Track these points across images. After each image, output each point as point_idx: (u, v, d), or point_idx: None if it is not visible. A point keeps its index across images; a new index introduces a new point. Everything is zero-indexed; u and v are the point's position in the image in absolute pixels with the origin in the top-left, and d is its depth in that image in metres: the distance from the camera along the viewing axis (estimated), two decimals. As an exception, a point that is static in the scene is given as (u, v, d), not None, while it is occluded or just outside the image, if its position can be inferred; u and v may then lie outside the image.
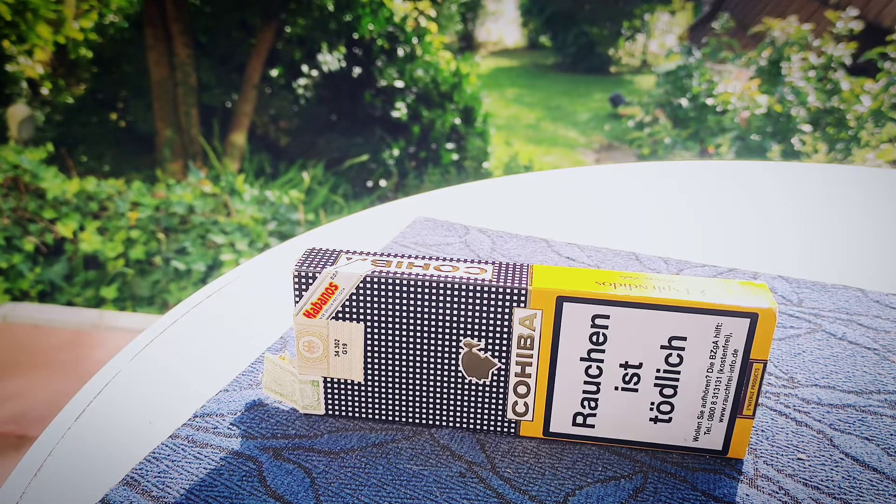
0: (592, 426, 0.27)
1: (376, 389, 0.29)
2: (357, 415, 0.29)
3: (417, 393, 0.28)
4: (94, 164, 3.36)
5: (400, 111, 3.54)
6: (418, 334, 0.28)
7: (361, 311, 0.27)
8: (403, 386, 0.28)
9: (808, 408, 0.31)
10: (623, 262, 0.46)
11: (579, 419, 0.27)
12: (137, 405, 0.31)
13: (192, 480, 0.27)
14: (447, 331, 0.27)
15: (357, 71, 3.66)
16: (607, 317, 0.26)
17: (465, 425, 0.28)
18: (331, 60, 3.70)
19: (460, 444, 0.29)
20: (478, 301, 0.26)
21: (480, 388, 0.27)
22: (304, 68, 3.78)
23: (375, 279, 0.27)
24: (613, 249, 0.47)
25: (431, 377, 0.28)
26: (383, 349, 0.28)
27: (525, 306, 0.26)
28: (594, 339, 0.26)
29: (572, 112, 5.79)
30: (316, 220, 2.83)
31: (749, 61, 3.54)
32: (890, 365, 0.35)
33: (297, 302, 0.27)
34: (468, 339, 0.27)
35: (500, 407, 0.27)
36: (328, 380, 0.29)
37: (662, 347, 0.26)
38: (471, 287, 0.26)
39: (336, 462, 0.28)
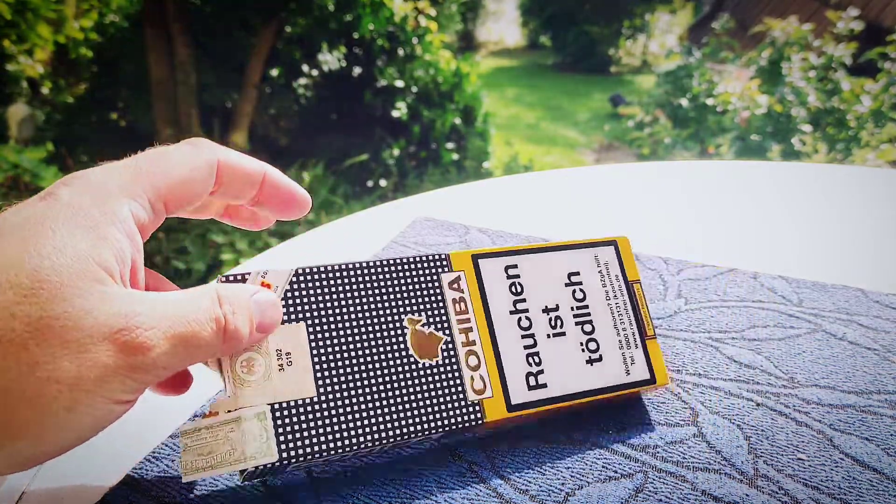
0: (545, 385, 0.28)
1: (332, 403, 0.25)
2: (314, 451, 0.24)
3: (377, 394, 0.25)
4: (94, 164, 3.35)
5: (400, 111, 3.54)
6: (362, 322, 0.26)
7: (299, 309, 0.25)
8: (360, 387, 0.25)
9: (808, 408, 0.32)
10: (623, 262, 0.46)
11: (532, 380, 0.28)
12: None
13: (191, 480, 0.27)
14: (389, 312, 0.27)
15: (357, 71, 3.66)
16: (516, 266, 0.30)
17: (436, 426, 0.26)
18: (331, 60, 3.70)
19: (460, 444, 0.29)
20: (407, 273, 0.28)
21: (436, 373, 0.27)
22: (305, 68, 3.77)
23: (308, 272, 0.26)
24: (613, 249, 0.47)
25: (386, 368, 0.26)
26: (330, 349, 0.25)
27: (449, 270, 0.28)
28: (513, 289, 0.29)
29: (572, 112, 5.79)
30: (316, 219, 2.83)
31: (749, 61, 3.54)
32: (890, 365, 0.35)
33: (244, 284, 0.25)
34: (410, 316, 0.27)
35: (460, 388, 0.27)
36: (276, 408, 0.24)
37: (567, 285, 0.30)
38: (398, 263, 0.28)
39: (336, 462, 0.28)
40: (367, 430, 0.25)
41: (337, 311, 0.26)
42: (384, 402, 0.25)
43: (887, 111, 2.80)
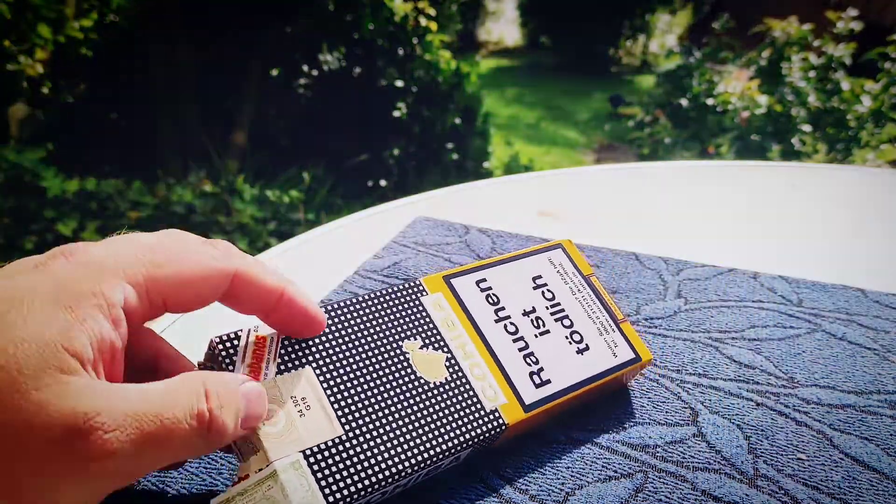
0: (549, 381, 0.29)
1: (361, 438, 0.24)
2: (359, 488, 0.23)
3: (400, 419, 0.25)
4: (94, 164, 3.36)
5: (400, 111, 3.54)
6: (364, 355, 0.26)
7: (300, 354, 0.25)
8: (383, 416, 0.25)
9: (808, 408, 0.32)
10: (623, 261, 0.46)
11: (536, 378, 0.29)
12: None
13: (191, 480, 0.27)
14: (386, 341, 0.27)
15: (357, 70, 3.66)
16: (485, 279, 0.31)
17: (464, 440, 0.26)
18: (331, 60, 3.70)
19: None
20: (390, 303, 0.28)
21: (449, 389, 0.27)
22: (305, 68, 3.77)
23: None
24: (613, 249, 0.47)
25: (402, 394, 0.26)
26: (342, 386, 0.25)
27: (427, 294, 0.29)
28: (490, 300, 0.31)
29: (572, 112, 5.79)
30: (316, 219, 2.83)
31: (749, 61, 3.54)
32: (890, 365, 0.35)
33: (232, 373, 0.24)
34: (407, 341, 0.28)
35: (475, 399, 0.27)
36: (308, 454, 0.23)
37: (535, 288, 0.32)
38: (380, 296, 0.28)
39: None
40: (403, 455, 0.24)
41: (337, 348, 0.26)
42: (411, 427, 0.25)
43: (887, 111, 2.80)
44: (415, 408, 0.26)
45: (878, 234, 0.52)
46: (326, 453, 0.23)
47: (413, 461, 0.24)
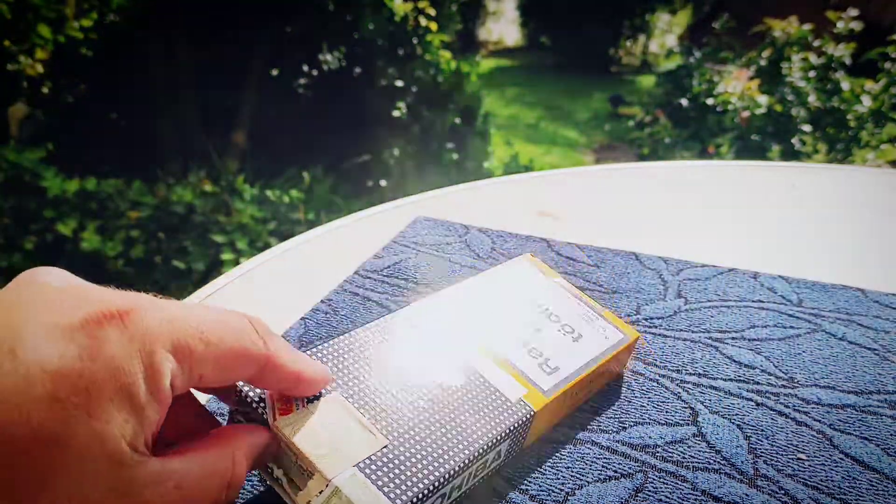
0: (558, 367, 0.30)
1: (407, 444, 0.25)
2: (419, 489, 0.23)
3: (438, 422, 0.26)
4: (94, 164, 3.35)
5: (400, 110, 3.54)
6: (384, 371, 0.27)
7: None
8: (420, 422, 0.25)
9: (807, 408, 0.32)
10: (623, 261, 0.46)
11: (545, 367, 0.30)
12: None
13: None
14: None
15: (357, 70, 3.66)
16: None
17: (501, 431, 0.26)
18: (331, 60, 3.70)
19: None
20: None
21: (471, 390, 0.27)
22: (305, 68, 3.77)
23: (318, 353, 0.27)
24: (613, 249, 0.47)
25: (428, 402, 0.26)
26: (372, 403, 0.26)
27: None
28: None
29: (572, 112, 5.79)
30: (316, 219, 2.83)
31: (749, 61, 3.54)
32: (890, 365, 0.35)
33: (263, 411, 0.24)
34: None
35: (499, 394, 0.28)
36: (363, 467, 0.23)
37: (515, 295, 0.34)
38: (379, 325, 0.30)
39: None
40: (450, 453, 0.25)
41: (357, 371, 0.27)
42: (447, 427, 0.26)
43: (887, 111, 2.80)
44: (445, 411, 0.26)
45: (878, 234, 0.52)
46: (379, 463, 0.24)
47: (460, 457, 0.25)
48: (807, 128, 3.08)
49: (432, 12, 3.65)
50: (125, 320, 0.20)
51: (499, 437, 0.26)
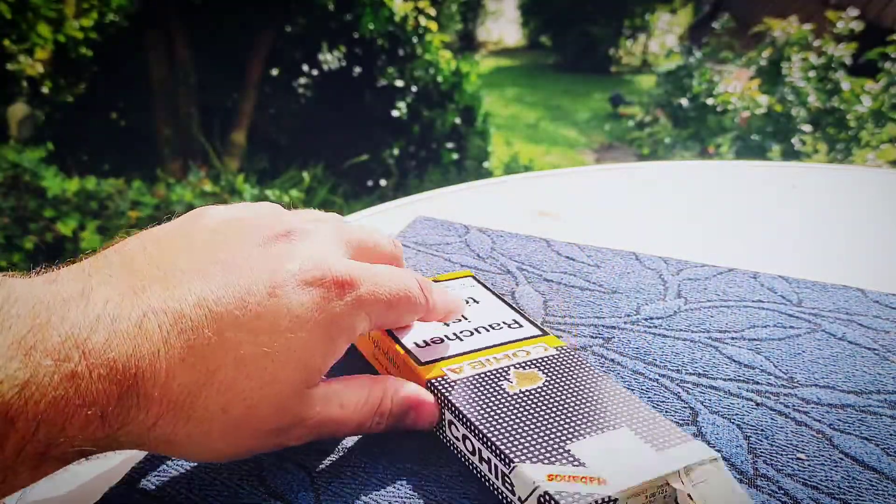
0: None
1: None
2: None
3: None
4: (94, 163, 3.36)
5: (400, 110, 3.54)
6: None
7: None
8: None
9: (807, 408, 0.32)
10: (623, 262, 0.46)
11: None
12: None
13: (191, 480, 0.27)
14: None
15: (357, 70, 3.66)
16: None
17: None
18: (331, 60, 3.70)
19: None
20: None
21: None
22: (305, 67, 3.77)
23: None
24: (613, 249, 0.47)
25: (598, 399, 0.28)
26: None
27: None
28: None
29: (572, 112, 5.79)
30: (316, 219, 2.82)
31: (749, 61, 3.54)
32: (890, 365, 0.35)
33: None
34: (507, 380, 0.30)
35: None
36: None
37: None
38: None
39: (336, 462, 0.28)
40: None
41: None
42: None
43: (887, 111, 2.80)
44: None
45: (878, 234, 0.52)
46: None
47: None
48: (807, 128, 3.08)
49: (432, 12, 3.65)
50: (344, 291, 0.26)
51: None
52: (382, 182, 3.52)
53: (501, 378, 0.28)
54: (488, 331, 0.32)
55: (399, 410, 0.27)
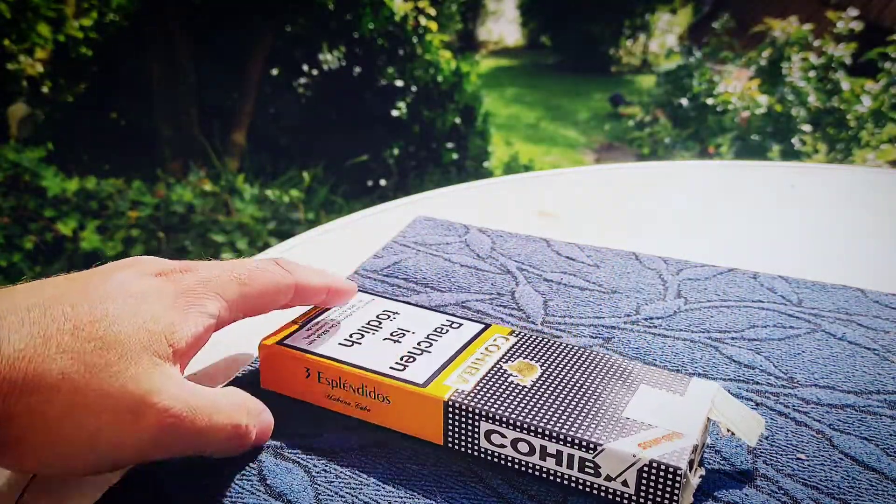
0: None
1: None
2: None
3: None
4: (94, 163, 3.35)
5: (400, 110, 3.54)
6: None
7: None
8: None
9: (807, 408, 0.32)
10: (623, 262, 0.46)
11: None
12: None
13: (191, 479, 0.27)
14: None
15: (357, 70, 3.66)
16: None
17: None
18: (331, 59, 3.70)
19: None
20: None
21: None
22: (305, 67, 3.77)
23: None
24: (613, 249, 0.47)
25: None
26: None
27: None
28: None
29: (572, 112, 5.79)
30: (316, 219, 2.83)
31: (749, 61, 3.54)
32: (890, 365, 0.35)
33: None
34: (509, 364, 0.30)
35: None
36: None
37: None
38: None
39: (336, 462, 0.28)
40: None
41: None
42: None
43: (887, 111, 2.80)
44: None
45: (878, 234, 0.52)
46: None
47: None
48: (807, 128, 3.08)
49: (432, 12, 3.65)
50: (186, 273, 0.27)
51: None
52: (382, 182, 3.52)
53: (504, 376, 0.28)
54: (440, 337, 0.31)
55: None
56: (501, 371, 0.29)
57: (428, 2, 3.61)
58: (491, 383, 0.28)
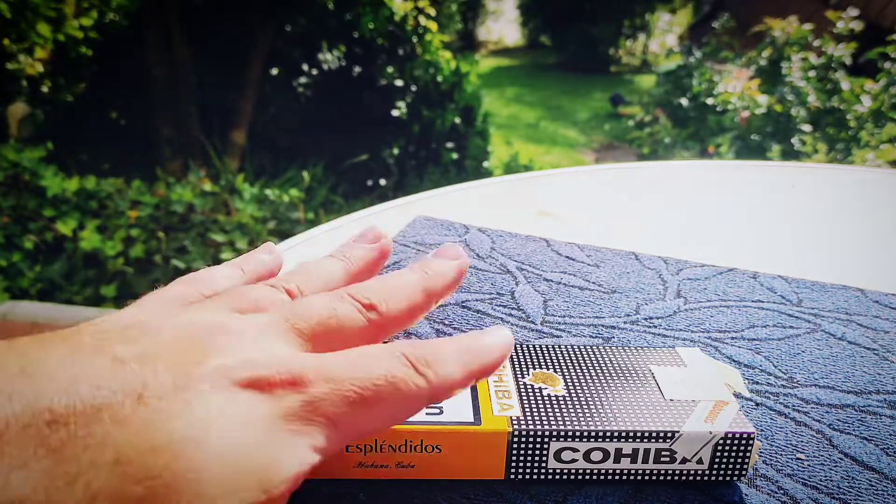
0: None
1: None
2: None
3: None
4: (93, 163, 3.36)
5: (400, 110, 3.54)
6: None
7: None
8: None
9: (807, 408, 0.32)
10: (623, 262, 0.46)
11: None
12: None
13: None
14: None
15: (357, 70, 3.66)
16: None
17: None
18: (331, 59, 3.70)
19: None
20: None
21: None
22: (305, 67, 3.77)
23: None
24: (613, 249, 0.47)
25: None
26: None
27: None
28: None
29: (572, 112, 5.79)
30: (316, 219, 2.83)
31: (749, 61, 3.54)
32: (889, 365, 0.35)
33: None
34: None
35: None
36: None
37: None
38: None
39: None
40: None
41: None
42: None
43: (887, 111, 2.80)
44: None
45: (878, 234, 0.52)
46: None
47: None
48: (807, 128, 3.08)
49: (432, 12, 3.65)
50: (295, 387, 0.19)
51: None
52: (382, 182, 3.52)
53: (536, 391, 0.27)
54: None
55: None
56: (528, 387, 0.28)
57: (428, 2, 3.60)
58: (533, 402, 0.27)
